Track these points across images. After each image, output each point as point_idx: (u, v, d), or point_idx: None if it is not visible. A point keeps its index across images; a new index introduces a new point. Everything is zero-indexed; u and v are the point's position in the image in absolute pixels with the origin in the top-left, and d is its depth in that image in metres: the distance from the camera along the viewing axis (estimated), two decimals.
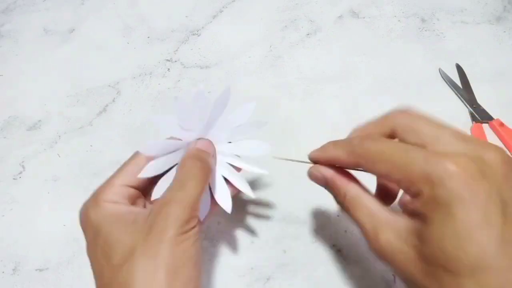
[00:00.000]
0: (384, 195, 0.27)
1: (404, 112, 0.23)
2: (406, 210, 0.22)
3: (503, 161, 0.20)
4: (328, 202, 0.36)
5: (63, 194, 0.38)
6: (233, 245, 0.34)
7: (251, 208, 0.36)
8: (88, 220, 0.24)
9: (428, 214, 0.19)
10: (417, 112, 0.23)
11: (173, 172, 0.26)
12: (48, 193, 0.38)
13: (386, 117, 0.24)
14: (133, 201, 0.26)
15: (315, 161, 0.26)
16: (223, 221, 0.35)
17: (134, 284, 0.21)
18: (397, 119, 0.23)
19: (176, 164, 0.27)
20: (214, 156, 0.28)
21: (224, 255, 0.34)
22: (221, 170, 0.28)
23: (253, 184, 0.37)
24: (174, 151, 0.27)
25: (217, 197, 0.27)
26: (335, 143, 0.25)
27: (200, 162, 0.25)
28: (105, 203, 0.24)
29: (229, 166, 0.29)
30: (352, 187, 0.24)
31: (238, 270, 0.33)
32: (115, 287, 0.22)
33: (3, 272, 0.34)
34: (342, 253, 0.33)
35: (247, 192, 0.28)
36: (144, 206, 0.27)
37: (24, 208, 0.37)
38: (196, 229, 0.23)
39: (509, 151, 0.38)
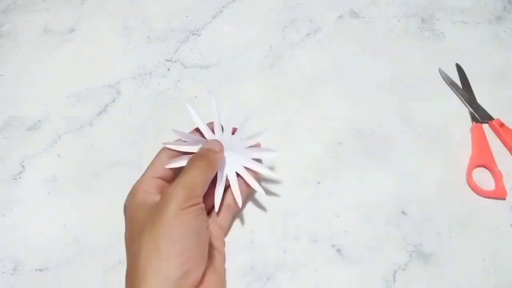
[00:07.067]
0: None
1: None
2: None
3: None
4: (328, 203, 0.36)
5: (63, 194, 0.38)
6: (233, 245, 0.34)
7: (252, 208, 0.36)
8: (127, 208, 0.30)
9: None
10: None
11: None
12: (48, 193, 0.38)
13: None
14: (162, 190, 0.31)
15: None
16: None
17: (141, 254, 0.25)
18: None
19: None
20: (221, 151, 0.32)
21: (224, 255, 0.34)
22: (236, 168, 0.33)
23: None
24: (194, 146, 0.33)
25: (233, 189, 0.33)
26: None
27: (202, 156, 0.30)
28: (140, 191, 0.29)
29: (243, 167, 0.34)
30: None
31: (238, 270, 0.33)
32: (129, 259, 0.27)
33: (3, 272, 0.34)
34: (342, 253, 0.33)
35: (259, 190, 0.33)
36: None
37: (24, 208, 0.37)
38: (196, 207, 0.27)
39: (509, 151, 0.38)
